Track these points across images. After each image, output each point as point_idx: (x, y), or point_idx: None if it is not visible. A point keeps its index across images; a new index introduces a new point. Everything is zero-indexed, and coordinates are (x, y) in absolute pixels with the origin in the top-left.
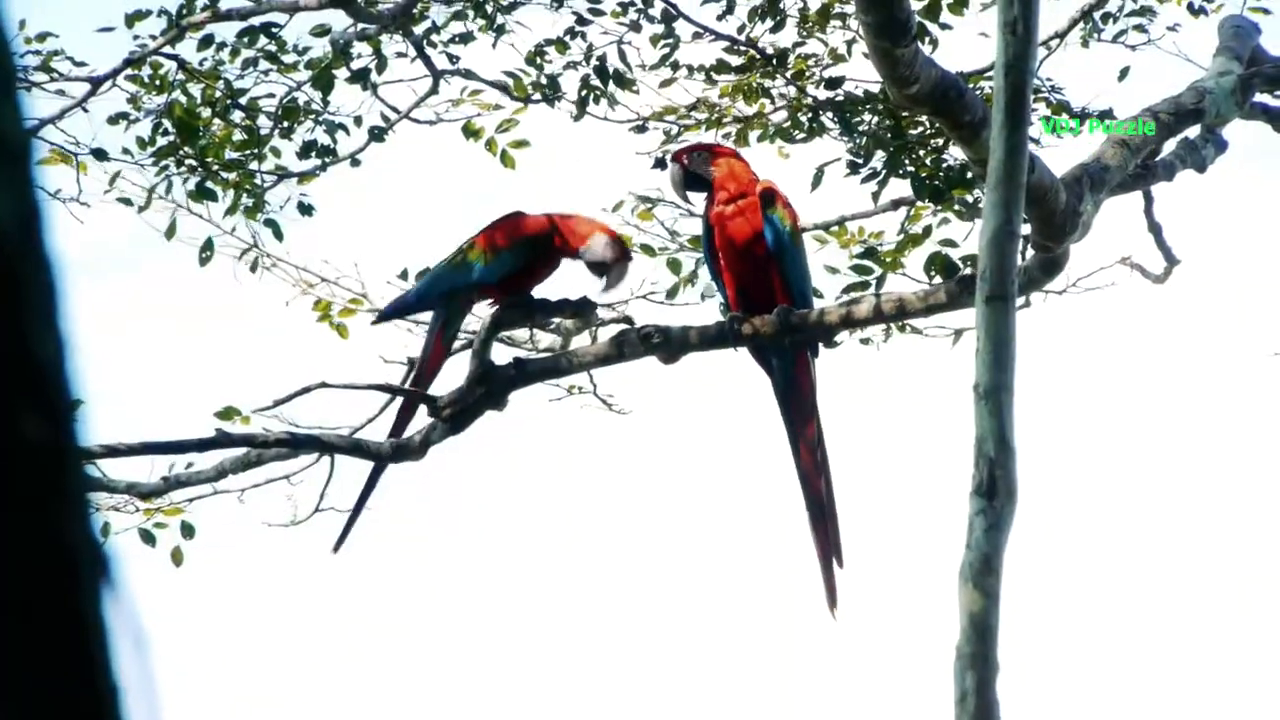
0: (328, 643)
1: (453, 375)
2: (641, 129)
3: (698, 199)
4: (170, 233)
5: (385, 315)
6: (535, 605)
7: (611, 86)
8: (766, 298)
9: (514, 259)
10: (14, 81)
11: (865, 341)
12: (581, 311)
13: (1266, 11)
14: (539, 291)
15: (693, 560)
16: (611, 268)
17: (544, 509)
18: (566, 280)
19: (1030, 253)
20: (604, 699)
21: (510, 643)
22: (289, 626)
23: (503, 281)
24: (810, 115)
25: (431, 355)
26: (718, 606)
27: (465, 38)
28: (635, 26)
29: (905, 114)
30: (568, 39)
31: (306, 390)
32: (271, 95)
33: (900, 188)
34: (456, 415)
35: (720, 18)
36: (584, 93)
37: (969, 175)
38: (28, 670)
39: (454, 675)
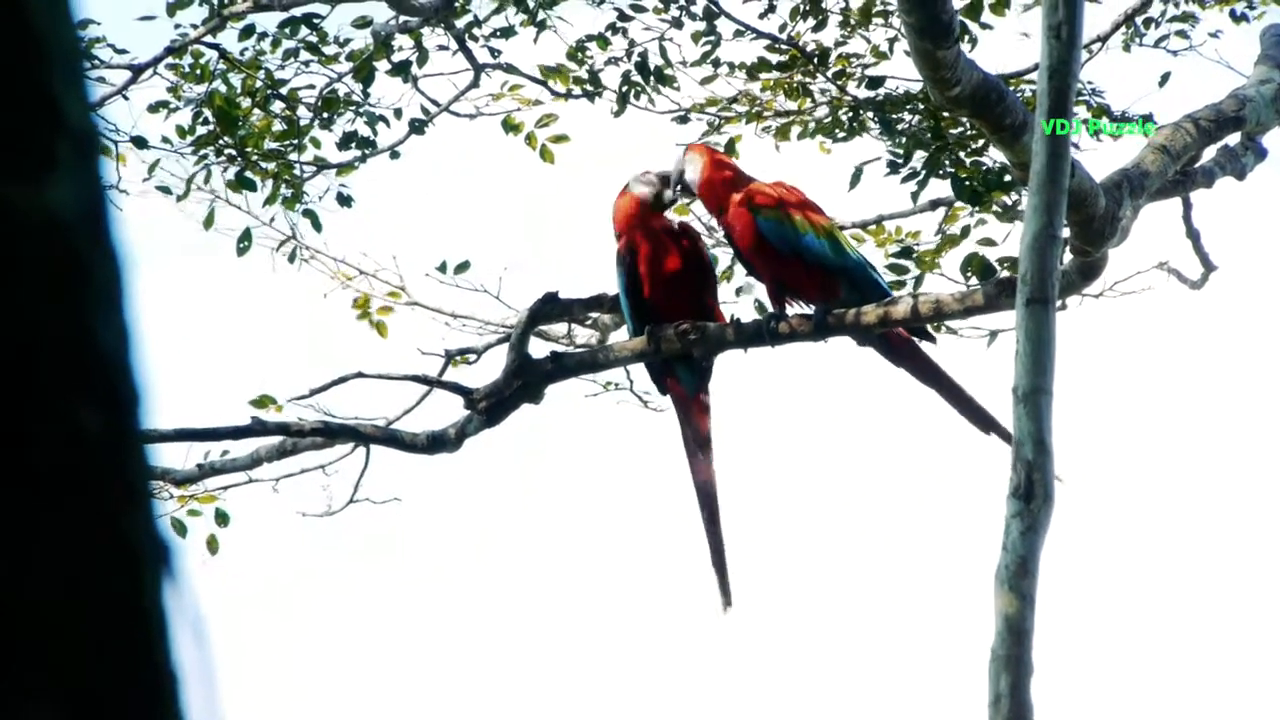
0: (361, 633)
1: (490, 368)
2: (684, 119)
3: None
4: (208, 222)
5: None
6: (566, 598)
7: (652, 82)
8: (805, 294)
9: None
10: (82, 70)
11: None
12: (618, 307)
13: None
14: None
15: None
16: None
17: (578, 503)
18: (603, 277)
19: (1069, 257)
20: (639, 683)
21: (538, 633)
22: (322, 616)
23: None
24: (851, 114)
25: None
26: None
27: (507, 32)
28: (677, 23)
29: (946, 115)
30: (609, 35)
31: (342, 380)
32: (312, 86)
33: (939, 188)
34: (492, 408)
35: (762, 16)
36: (624, 89)
37: (1007, 178)
38: (88, 658)
39: (482, 664)
